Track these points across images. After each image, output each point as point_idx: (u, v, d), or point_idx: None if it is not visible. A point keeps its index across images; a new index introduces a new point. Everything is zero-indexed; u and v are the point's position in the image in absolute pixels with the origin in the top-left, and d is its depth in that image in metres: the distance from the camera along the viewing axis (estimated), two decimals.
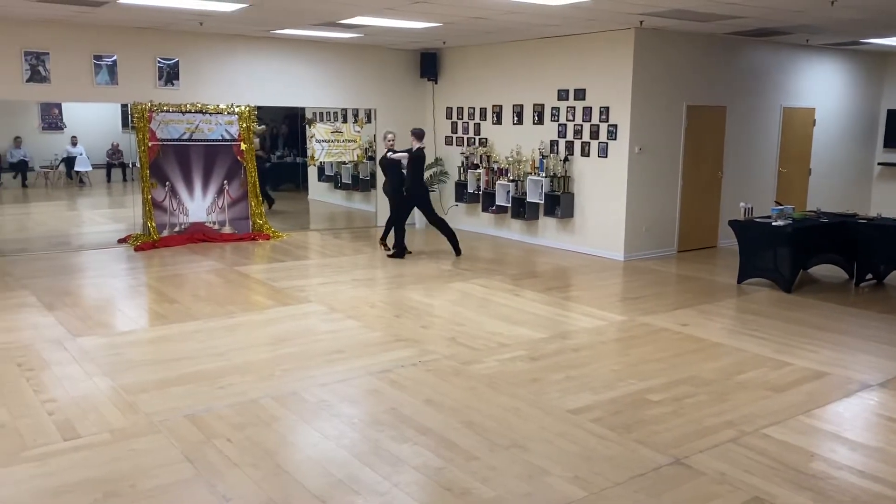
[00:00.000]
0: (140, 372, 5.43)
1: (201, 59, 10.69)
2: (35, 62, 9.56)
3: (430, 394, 5.06)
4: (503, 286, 8.34)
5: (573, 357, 5.93)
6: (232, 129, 10.99)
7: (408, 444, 4.28)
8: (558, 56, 10.43)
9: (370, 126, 12.55)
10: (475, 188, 11.78)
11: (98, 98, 10.32)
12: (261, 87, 11.18)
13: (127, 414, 4.65)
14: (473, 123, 11.95)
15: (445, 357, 5.84)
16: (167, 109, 10.47)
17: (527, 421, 4.64)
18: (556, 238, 10.75)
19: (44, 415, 4.62)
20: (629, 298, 7.94)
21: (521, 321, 6.92)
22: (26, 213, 14.37)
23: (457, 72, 12.15)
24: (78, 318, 6.79)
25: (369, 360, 5.77)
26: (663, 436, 4.44)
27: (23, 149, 16.82)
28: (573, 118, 10.30)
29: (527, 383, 5.30)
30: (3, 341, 6.07)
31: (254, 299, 7.69)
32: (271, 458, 4.08)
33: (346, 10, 8.34)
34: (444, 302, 7.59)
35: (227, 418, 4.60)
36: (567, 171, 10.39)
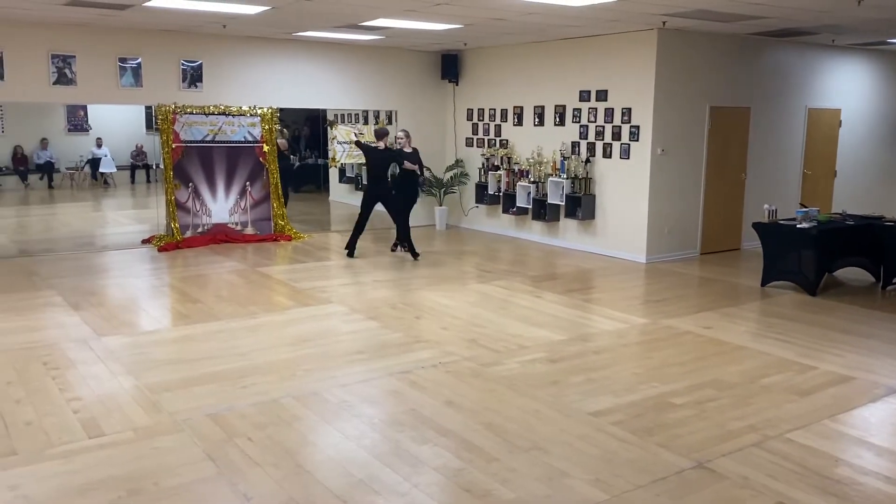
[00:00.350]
0: (163, 371, 5.49)
1: (224, 62, 10.78)
2: (62, 65, 9.70)
3: (450, 395, 5.06)
4: (523, 288, 8.32)
5: (594, 359, 5.90)
6: (254, 130, 11.07)
7: (428, 445, 4.28)
8: (580, 57, 10.39)
9: (391, 128, 12.56)
10: (496, 190, 11.76)
11: (123, 100, 10.45)
12: (283, 89, 11.25)
13: (150, 413, 4.70)
14: (494, 125, 11.93)
15: (465, 359, 5.84)
16: (191, 111, 10.57)
17: (547, 423, 4.62)
18: (577, 240, 10.70)
19: (69, 413, 4.68)
20: (651, 301, 7.88)
21: (541, 323, 6.89)
22: (52, 214, 14.58)
23: (478, 73, 12.14)
24: (103, 318, 6.87)
25: (390, 360, 5.78)
26: (686, 439, 4.41)
27: (49, 150, 17.07)
28: (595, 119, 10.25)
29: (547, 385, 5.28)
30: (30, 340, 6.16)
31: (275, 300, 7.74)
32: (292, 458, 4.10)
33: (368, 12, 8.37)
34: (464, 303, 7.59)
35: (249, 417, 4.63)
36: (588, 173, 10.34)
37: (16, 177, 16.73)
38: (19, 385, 5.14)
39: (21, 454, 4.10)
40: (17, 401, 4.86)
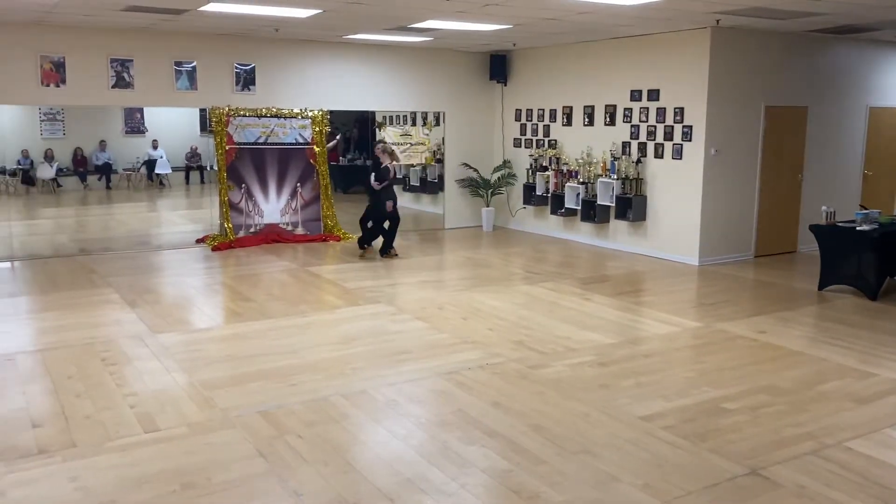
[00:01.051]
0: (216, 368, 5.59)
1: (276, 65, 10.95)
2: (120, 69, 9.98)
3: (497, 397, 5.04)
4: (572, 290, 8.25)
5: (644, 363, 5.81)
6: (305, 132, 11.22)
7: (475, 445, 4.27)
8: (631, 56, 10.26)
9: (438, 129, 12.61)
10: (544, 190, 11.69)
11: (178, 103, 10.70)
12: (333, 92, 11.37)
13: (203, 408, 4.79)
14: (543, 125, 11.86)
15: (512, 360, 5.81)
16: (244, 114, 10.77)
17: (596, 427, 4.57)
18: (628, 242, 10.56)
19: (126, 408, 4.80)
20: (704, 304, 7.73)
21: (590, 326, 6.82)
22: (110, 214, 15.01)
23: (526, 73, 12.09)
24: (158, 315, 7.04)
25: (437, 361, 5.79)
26: (739, 445, 4.31)
27: (107, 152, 17.57)
28: (646, 119, 10.11)
29: (596, 389, 5.22)
30: (89, 336, 6.35)
31: (325, 299, 7.83)
32: (341, 456, 4.14)
33: (418, 14, 8.40)
34: (512, 305, 7.56)
35: (299, 415, 4.69)
36: (640, 174, 10.20)
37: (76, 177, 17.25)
38: (79, 380, 5.30)
39: (80, 447, 4.22)
40: (77, 395, 5.01)
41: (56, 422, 4.57)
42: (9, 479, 3.85)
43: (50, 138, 17.11)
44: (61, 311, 7.18)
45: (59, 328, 6.60)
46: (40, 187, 16.50)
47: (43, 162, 16.45)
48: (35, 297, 7.77)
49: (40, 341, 6.25)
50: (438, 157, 12.93)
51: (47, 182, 16.55)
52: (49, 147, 16.78)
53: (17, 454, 4.12)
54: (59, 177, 16.77)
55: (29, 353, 5.90)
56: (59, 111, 17.10)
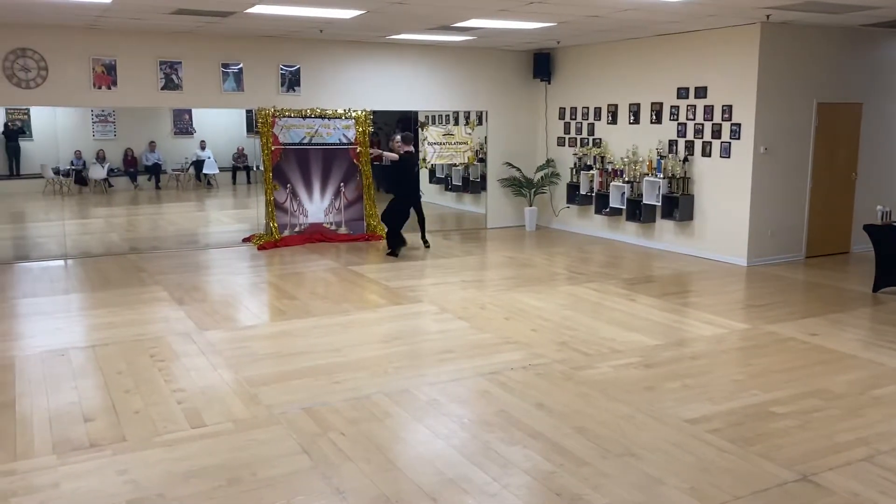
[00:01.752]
0: (261, 365, 5.67)
1: (321, 66, 11.05)
2: (169, 71, 10.18)
3: (540, 398, 5.01)
4: (617, 290, 8.15)
5: (691, 365, 5.71)
6: (349, 133, 11.30)
7: (518, 446, 4.25)
8: (678, 53, 10.10)
9: (481, 128, 12.59)
10: (588, 190, 11.58)
11: (225, 104, 10.87)
12: (376, 92, 11.43)
13: (249, 405, 4.85)
14: (587, 123, 11.75)
15: (556, 361, 5.76)
16: (289, 115, 10.89)
17: (641, 429, 4.50)
18: (674, 242, 10.40)
19: (173, 403, 4.90)
20: (753, 306, 7.57)
21: (635, 327, 6.73)
22: (159, 214, 15.33)
23: (570, 71, 11.99)
24: (205, 313, 7.17)
25: (479, 361, 5.77)
26: (789, 450, 4.20)
27: (157, 153, 17.95)
28: (693, 117, 9.94)
29: (641, 391, 5.14)
30: (138, 333, 6.49)
31: (367, 298, 7.87)
32: (383, 454, 4.15)
33: (461, 13, 8.39)
34: (555, 305, 7.50)
35: (342, 412, 4.72)
36: (686, 172, 10.03)
37: (126, 178, 17.67)
38: (129, 375, 5.42)
39: (130, 441, 4.32)
40: (126, 390, 5.12)
41: (107, 416, 4.68)
42: (62, 471, 3.95)
43: (102, 139, 17.56)
44: (112, 308, 7.35)
45: (109, 325, 6.76)
46: (92, 187, 16.94)
47: (95, 163, 16.88)
48: (87, 295, 7.97)
49: (92, 337, 6.41)
50: (481, 157, 12.91)
51: (99, 182, 16.98)
52: (101, 148, 17.22)
53: (70, 447, 4.23)
54: (110, 177, 17.18)
55: (81, 348, 6.06)
56: (110, 113, 17.54)
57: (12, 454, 4.14)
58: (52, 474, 3.92)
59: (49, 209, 14.96)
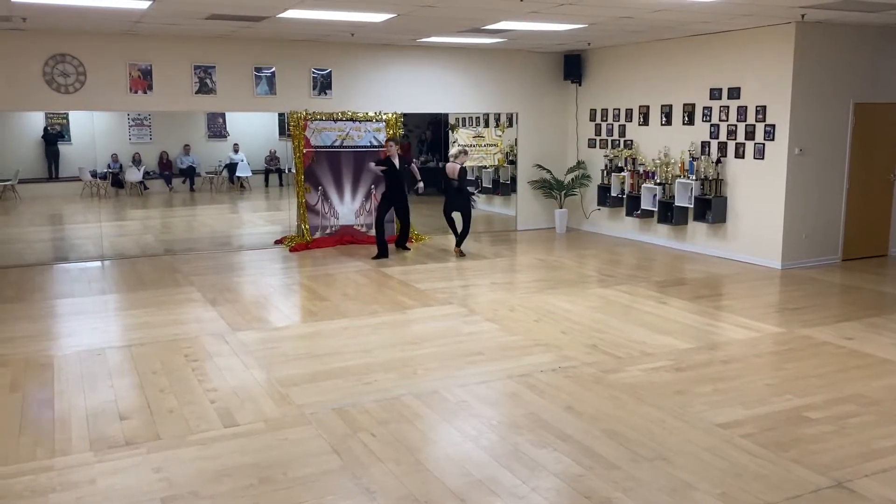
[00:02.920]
0: (292, 365, 5.73)
1: (352, 69, 11.13)
2: (203, 75, 10.33)
3: (569, 400, 4.99)
4: (648, 293, 8.09)
5: (723, 369, 5.65)
6: (380, 135, 11.36)
7: (547, 449, 4.24)
8: (710, 54, 9.99)
9: (511, 130, 12.57)
10: (619, 192, 11.50)
11: (258, 107, 11.01)
12: (407, 95, 11.49)
13: (280, 405, 4.91)
14: (618, 125, 11.67)
15: (586, 364, 5.74)
16: (320, 118, 10.99)
17: (672, 433, 4.47)
18: (707, 244, 10.28)
19: (206, 403, 4.97)
20: (787, 309, 7.46)
21: (666, 330, 6.67)
22: (193, 216, 15.56)
23: (601, 73, 11.93)
24: (238, 314, 7.26)
25: (508, 363, 5.77)
26: (823, 456, 4.13)
27: (191, 156, 18.21)
28: (726, 118, 9.83)
29: (672, 394, 5.10)
30: (173, 333, 6.60)
31: (397, 299, 7.91)
32: (413, 455, 4.17)
33: (492, 15, 8.40)
34: (585, 308, 7.46)
35: (372, 413, 4.75)
36: (719, 174, 9.92)
37: (161, 180, 17.96)
38: (163, 375, 5.51)
39: (164, 439, 4.40)
40: (161, 390, 5.21)
41: (142, 415, 4.77)
42: (99, 467, 4.04)
43: (138, 143, 17.87)
44: (147, 308, 7.48)
45: (145, 325, 6.88)
46: (128, 190, 17.24)
47: (131, 166, 17.18)
48: (123, 295, 8.13)
49: (127, 337, 6.53)
50: (511, 159, 12.89)
51: (135, 185, 17.28)
52: (137, 151, 17.53)
53: (107, 444, 4.32)
54: (145, 180, 17.47)
55: (117, 348, 6.18)
56: (146, 117, 17.83)
57: (51, 451, 4.24)
58: (88, 471, 4.01)
59: (86, 211, 15.27)
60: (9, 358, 5.89)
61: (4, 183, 14.95)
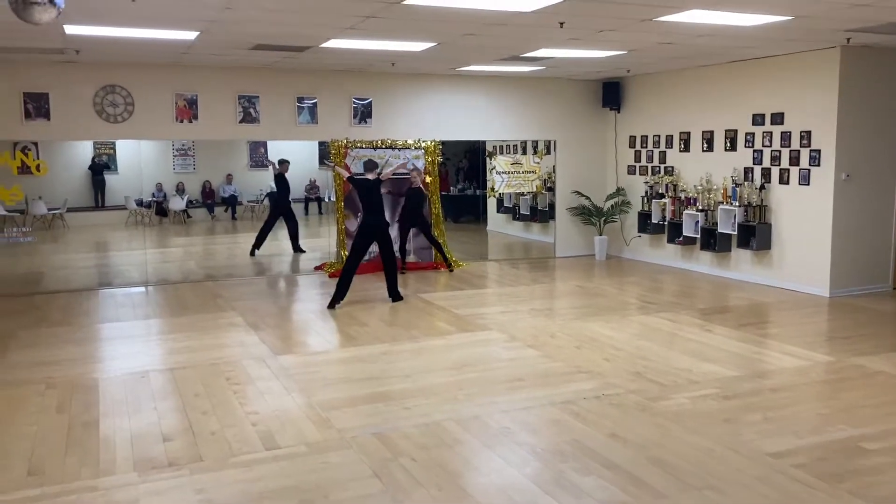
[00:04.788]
0: (333, 390, 5.72)
1: (392, 98, 11.26)
2: (247, 104, 10.54)
3: (614, 428, 4.89)
4: (691, 321, 7.93)
5: (772, 398, 5.49)
6: (418, 163, 11.43)
7: (592, 476, 4.14)
8: (753, 79, 9.88)
9: (549, 157, 12.56)
10: (660, 218, 11.37)
11: (300, 136, 11.17)
12: (445, 122, 11.57)
13: (321, 429, 4.89)
14: (658, 151, 11.58)
15: (630, 391, 5.62)
16: (360, 146, 11.10)
17: (721, 462, 4.34)
18: (751, 272, 10.08)
19: (248, 425, 4.98)
20: (837, 338, 7.25)
21: (712, 358, 6.52)
22: (235, 243, 15.76)
23: (641, 99, 11.88)
24: (278, 338, 7.30)
25: (550, 389, 5.68)
26: (881, 489, 3.97)
27: (233, 185, 18.54)
28: (770, 144, 9.68)
29: (720, 423, 4.97)
30: (215, 357, 6.65)
31: (436, 325, 7.88)
32: (454, 481, 4.11)
33: (531, 43, 8.44)
34: (628, 335, 7.34)
35: (413, 438, 4.70)
36: (763, 200, 9.75)
37: (204, 209, 18.29)
38: (206, 398, 5.54)
39: (206, 461, 4.40)
40: (203, 412, 5.24)
41: (184, 436, 4.79)
42: (142, 488, 4.06)
43: (181, 172, 18.27)
44: (189, 332, 7.57)
45: (187, 348, 6.95)
46: (172, 218, 17.59)
47: (175, 194, 17.55)
48: (166, 320, 8.23)
49: (170, 360, 6.60)
50: (549, 186, 12.86)
51: (178, 213, 17.63)
52: (181, 181, 17.91)
53: (150, 466, 4.34)
54: (189, 208, 17.83)
55: (160, 371, 6.24)
56: (190, 147, 18.25)
57: (96, 471, 4.28)
58: (132, 491, 4.02)
59: (131, 239, 15.59)
60: (56, 380, 5.98)
61: (53, 212, 15.34)
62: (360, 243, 8.84)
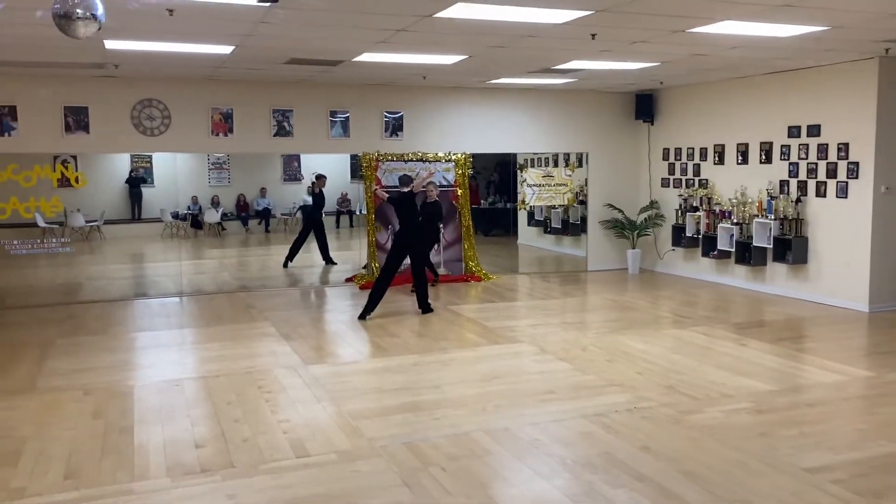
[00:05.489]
0: (363, 399, 5.74)
1: (423, 111, 11.33)
2: (281, 118, 10.68)
3: (646, 440, 4.83)
4: (726, 335, 7.82)
5: (808, 412, 5.38)
6: (449, 175, 11.47)
7: (623, 489, 4.09)
8: (788, 91, 9.77)
9: (581, 170, 12.51)
10: (694, 232, 11.24)
11: (332, 149, 11.30)
12: (476, 135, 11.59)
13: (351, 437, 4.91)
14: (692, 164, 11.48)
15: (663, 405, 5.55)
16: (391, 159, 11.18)
17: (755, 476, 4.26)
18: (787, 286, 9.91)
19: (279, 433, 5.01)
20: (876, 353, 7.09)
21: (746, 372, 6.42)
22: (268, 255, 15.94)
23: (674, 112, 11.80)
24: (310, 348, 7.35)
25: (581, 402, 5.64)
26: None
27: (267, 198, 18.79)
28: (806, 156, 9.54)
29: (754, 437, 4.88)
30: (247, 366, 6.71)
31: (466, 337, 7.86)
32: (483, 490, 4.09)
33: (563, 54, 8.44)
34: (661, 349, 7.26)
35: (442, 448, 4.69)
36: (800, 213, 9.60)
37: (238, 222, 18.55)
38: (238, 405, 5.60)
39: (238, 467, 4.44)
40: (235, 420, 5.29)
41: (216, 443, 4.84)
42: (175, 493, 4.10)
43: (216, 185, 18.58)
44: (223, 341, 7.66)
45: (220, 357, 7.03)
46: (207, 230, 17.86)
47: (210, 207, 17.83)
48: (200, 329, 8.34)
49: (204, 369, 6.68)
50: (581, 199, 12.80)
51: (213, 226, 17.90)
52: (216, 194, 18.21)
53: (183, 471, 4.39)
54: (223, 221, 18.10)
55: (194, 379, 6.32)
56: (225, 161, 18.56)
57: (131, 475, 4.34)
58: (165, 495, 4.07)
59: (167, 250, 15.85)
60: (92, 387, 6.09)
61: (91, 224, 15.67)
62: (393, 256, 8.89)
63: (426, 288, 9.11)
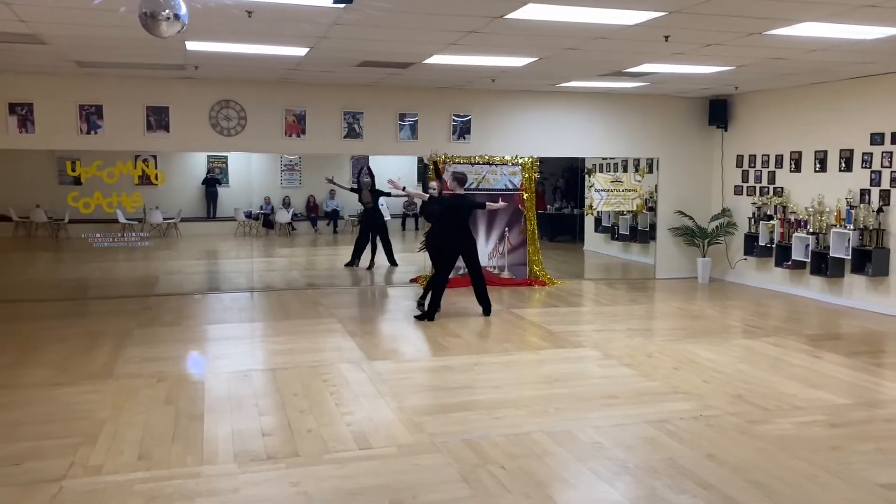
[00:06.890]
0: (424, 396, 5.80)
1: (490, 115, 11.35)
2: (351, 120, 10.88)
3: (711, 449, 4.72)
4: (798, 346, 7.57)
5: (886, 428, 5.17)
6: (515, 179, 11.46)
7: (686, 496, 4.02)
8: (871, 97, 9.40)
9: (651, 176, 12.32)
10: (768, 241, 10.92)
11: (400, 152, 11.44)
12: (544, 139, 11.55)
13: (412, 432, 4.96)
14: (767, 172, 11.16)
15: (729, 414, 5.42)
16: (458, 161, 11.24)
17: (826, 489, 4.11)
18: (865, 299, 9.53)
19: (343, 425, 5.10)
20: None
21: (819, 384, 6.20)
22: (335, 255, 16.20)
23: (749, 118, 11.50)
24: (374, 345, 7.46)
25: (645, 408, 5.55)
26: None
27: (336, 200, 19.12)
28: (889, 164, 9.16)
29: (826, 450, 4.71)
30: (314, 360, 6.85)
31: (529, 339, 7.84)
32: (543, 490, 4.08)
33: (634, 58, 8.34)
34: (729, 358, 7.08)
35: (502, 447, 4.70)
36: (881, 224, 9.22)
37: (308, 222, 18.95)
38: (304, 397, 5.73)
39: (302, 456, 4.54)
40: (301, 411, 5.41)
41: (282, 433, 4.96)
42: (242, 478, 4.23)
43: (288, 187, 19.05)
44: (291, 336, 7.84)
45: (288, 351, 7.20)
46: (277, 230, 18.30)
47: (281, 208, 18.27)
48: (269, 324, 8.56)
49: (272, 361, 6.86)
50: (650, 205, 12.59)
51: (283, 225, 18.32)
52: (287, 195, 18.66)
53: (250, 458, 4.52)
54: (293, 221, 18.52)
55: (262, 371, 6.49)
56: (297, 163, 19.00)
57: (199, 460, 4.49)
58: (232, 480, 4.20)
59: (239, 248, 16.31)
60: (166, 374, 6.32)
61: (168, 220, 16.25)
62: (448, 258, 8.93)
63: (485, 288, 9.05)
